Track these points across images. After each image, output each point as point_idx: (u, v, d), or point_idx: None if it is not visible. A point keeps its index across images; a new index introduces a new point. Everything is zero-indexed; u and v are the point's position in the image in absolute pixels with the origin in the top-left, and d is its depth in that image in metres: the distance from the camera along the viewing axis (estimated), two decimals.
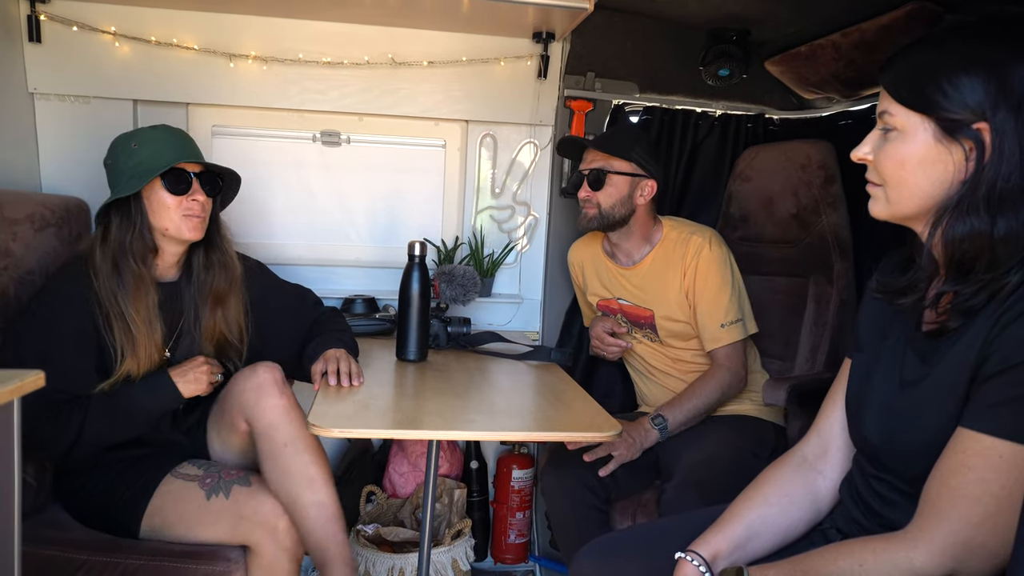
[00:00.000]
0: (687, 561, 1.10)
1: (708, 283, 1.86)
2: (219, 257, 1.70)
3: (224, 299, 1.70)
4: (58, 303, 1.52)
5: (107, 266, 1.55)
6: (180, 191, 1.59)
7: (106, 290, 1.53)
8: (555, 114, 2.33)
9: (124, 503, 1.51)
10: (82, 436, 1.48)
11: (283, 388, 1.54)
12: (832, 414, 1.18)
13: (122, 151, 1.60)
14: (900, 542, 0.88)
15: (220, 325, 1.69)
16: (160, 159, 1.58)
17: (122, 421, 1.52)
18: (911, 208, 0.97)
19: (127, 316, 1.54)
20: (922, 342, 1.01)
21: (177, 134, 1.65)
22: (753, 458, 1.74)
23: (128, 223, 1.57)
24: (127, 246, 1.56)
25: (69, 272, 1.55)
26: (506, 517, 2.43)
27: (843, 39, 1.93)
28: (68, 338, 1.51)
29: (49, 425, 1.46)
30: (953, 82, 0.91)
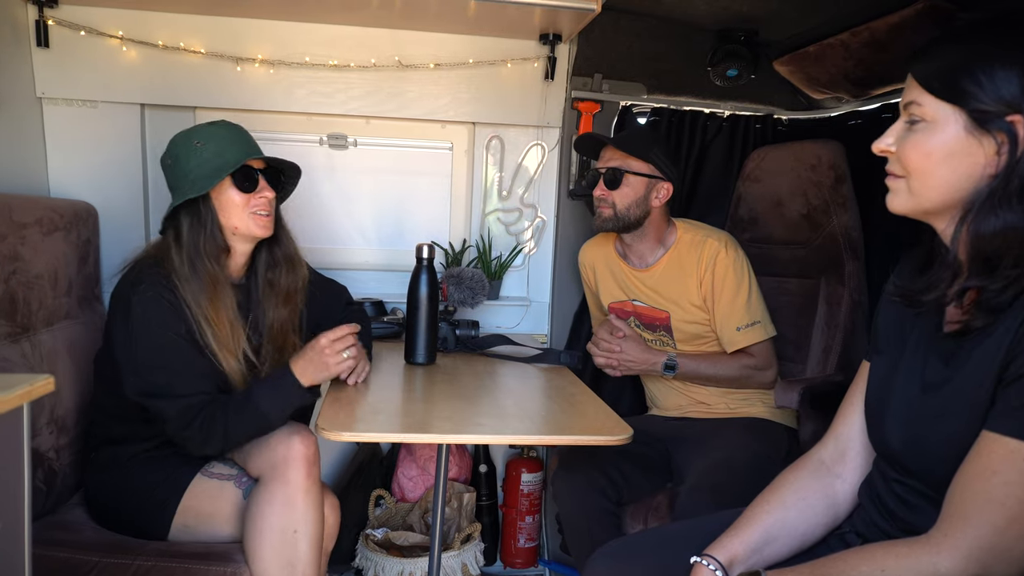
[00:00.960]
0: (703, 566, 1.09)
1: (725, 287, 1.85)
2: (284, 254, 1.69)
3: (291, 297, 1.69)
4: (155, 315, 1.47)
5: (186, 270, 1.52)
6: (248, 188, 1.58)
7: (191, 293, 1.51)
8: (562, 116, 2.32)
9: (154, 503, 1.52)
10: (228, 438, 1.48)
11: (312, 468, 1.48)
12: (850, 417, 1.17)
13: (184, 149, 1.56)
14: (924, 547, 0.87)
15: (285, 324, 1.67)
16: (226, 156, 1.55)
17: (256, 419, 1.49)
18: (934, 201, 0.95)
19: (209, 319, 1.51)
20: (944, 343, 0.99)
21: (238, 130, 1.62)
22: (767, 461, 1.72)
23: (199, 224, 1.54)
24: (201, 248, 1.54)
25: (151, 281, 1.49)
26: (515, 521, 2.41)
27: (852, 38, 1.92)
28: (180, 343, 1.48)
29: (199, 431, 1.46)
30: (988, 73, 0.90)
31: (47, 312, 1.78)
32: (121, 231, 2.16)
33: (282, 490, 1.45)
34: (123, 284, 1.52)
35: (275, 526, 1.44)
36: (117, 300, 1.52)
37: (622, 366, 1.92)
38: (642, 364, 1.91)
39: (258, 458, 1.51)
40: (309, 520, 1.46)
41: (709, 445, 1.75)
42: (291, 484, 1.45)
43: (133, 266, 1.55)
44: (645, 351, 1.92)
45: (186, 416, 1.46)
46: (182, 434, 1.48)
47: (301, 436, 1.49)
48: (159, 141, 2.14)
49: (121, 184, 2.16)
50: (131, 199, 2.18)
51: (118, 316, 1.50)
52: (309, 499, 1.47)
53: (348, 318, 1.75)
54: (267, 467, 1.49)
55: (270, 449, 1.50)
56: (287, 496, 1.45)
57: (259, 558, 1.44)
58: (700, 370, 1.91)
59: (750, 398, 1.94)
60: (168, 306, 1.48)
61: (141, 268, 1.52)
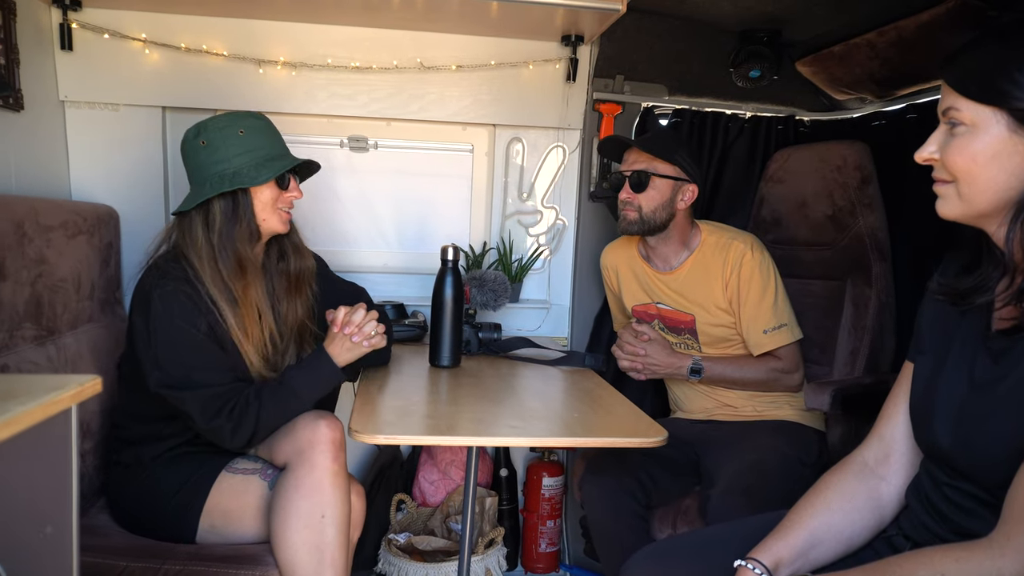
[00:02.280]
0: (748, 570, 1.07)
1: (751, 290, 1.84)
2: (292, 243, 1.70)
3: (300, 286, 1.69)
4: (176, 308, 1.47)
5: (214, 255, 1.52)
6: (283, 186, 1.59)
7: (215, 283, 1.50)
8: (583, 117, 2.31)
9: (179, 506, 1.50)
10: (260, 424, 1.48)
11: (338, 452, 1.47)
12: (894, 418, 1.15)
13: (224, 135, 1.53)
14: (985, 550, 0.85)
15: (300, 312, 1.68)
16: (269, 150, 1.56)
17: (292, 404, 1.50)
18: (986, 203, 0.94)
19: (237, 304, 1.52)
20: (995, 341, 0.98)
21: (271, 124, 1.63)
22: (798, 465, 1.70)
23: (235, 214, 1.53)
24: (235, 236, 1.53)
25: (171, 276, 1.49)
26: (536, 525, 2.39)
27: (879, 38, 1.90)
28: (203, 336, 1.48)
29: (227, 418, 1.45)
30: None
31: (71, 315, 1.78)
32: (142, 234, 2.13)
33: (309, 474, 1.44)
34: (143, 280, 1.52)
35: (302, 511, 1.43)
36: (138, 296, 1.52)
37: (647, 369, 1.90)
38: (667, 368, 1.90)
39: (284, 445, 1.50)
40: (336, 503, 1.44)
41: (739, 448, 1.73)
42: (318, 468, 1.44)
43: (153, 261, 1.56)
44: (670, 355, 1.90)
45: (213, 405, 1.45)
46: (211, 424, 1.46)
47: (327, 420, 1.49)
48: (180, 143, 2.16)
49: (142, 187, 2.16)
50: (152, 202, 2.17)
51: (138, 312, 1.50)
52: (337, 483, 1.45)
53: None
54: (293, 453, 1.47)
55: (296, 435, 1.49)
56: (314, 480, 1.44)
57: (287, 544, 1.42)
58: (726, 373, 1.89)
59: (777, 401, 1.92)
60: (188, 300, 1.48)
61: (162, 262, 1.52)
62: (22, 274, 1.57)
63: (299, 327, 1.69)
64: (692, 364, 1.88)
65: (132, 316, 1.53)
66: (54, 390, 0.71)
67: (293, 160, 1.59)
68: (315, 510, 1.42)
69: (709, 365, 1.88)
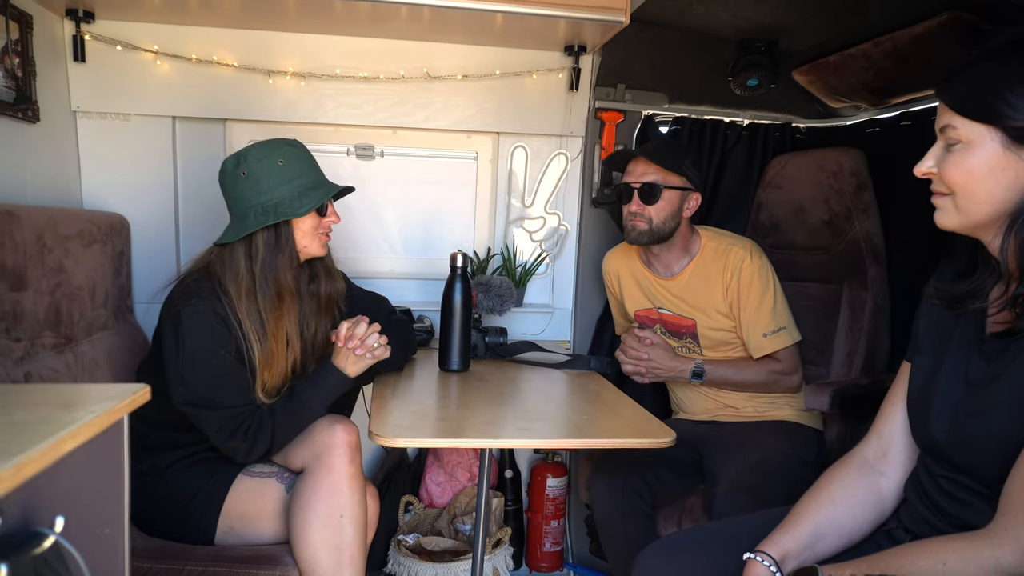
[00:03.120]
0: (757, 562, 1.12)
1: (751, 294, 1.89)
2: (323, 266, 1.73)
3: (330, 307, 1.73)
4: (206, 327, 1.50)
5: (254, 286, 1.54)
6: (322, 213, 1.63)
7: (248, 310, 1.54)
8: (586, 125, 2.36)
9: (197, 509, 1.54)
10: (275, 440, 1.53)
11: (355, 455, 1.52)
12: (892, 416, 1.20)
13: (264, 165, 1.55)
14: (984, 541, 0.90)
15: (327, 332, 1.71)
16: (309, 178, 1.59)
17: (305, 416, 1.56)
18: (982, 215, 0.99)
19: (266, 334, 1.55)
20: (989, 343, 1.03)
21: (306, 150, 1.65)
22: (798, 463, 1.76)
23: (278, 245, 1.56)
24: (279, 267, 1.56)
25: (203, 295, 1.52)
26: (541, 525, 2.44)
27: (874, 48, 1.96)
28: (229, 357, 1.52)
29: (242, 439, 1.50)
30: (1016, 92, 0.94)
31: (87, 323, 1.81)
32: (152, 242, 2.20)
33: (327, 477, 1.49)
34: (176, 295, 1.55)
35: (321, 512, 1.47)
36: (168, 311, 1.55)
37: (650, 373, 1.95)
38: (670, 371, 1.95)
39: (301, 450, 1.55)
40: (354, 504, 1.49)
41: (741, 448, 1.79)
42: (335, 471, 1.49)
43: (184, 278, 1.58)
44: (673, 359, 1.95)
45: (231, 425, 1.50)
46: (227, 444, 1.52)
47: (343, 424, 1.54)
48: (190, 153, 2.21)
49: (152, 196, 2.19)
50: (162, 210, 2.21)
51: (168, 327, 1.53)
52: (354, 484, 1.50)
53: (391, 325, 1.78)
54: (311, 457, 1.52)
55: (313, 440, 1.54)
56: (332, 482, 1.48)
57: (307, 544, 1.47)
58: (727, 376, 1.94)
59: (777, 402, 1.97)
60: (219, 320, 1.51)
61: (194, 281, 1.55)
62: (42, 283, 1.61)
63: (324, 346, 1.73)
64: (694, 367, 1.93)
65: (161, 329, 1.56)
66: (110, 399, 0.75)
67: (332, 188, 1.62)
68: (334, 511, 1.47)
69: (711, 368, 1.93)
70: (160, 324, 1.59)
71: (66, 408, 0.69)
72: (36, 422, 0.64)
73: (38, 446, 0.57)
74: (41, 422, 0.64)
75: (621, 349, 1.98)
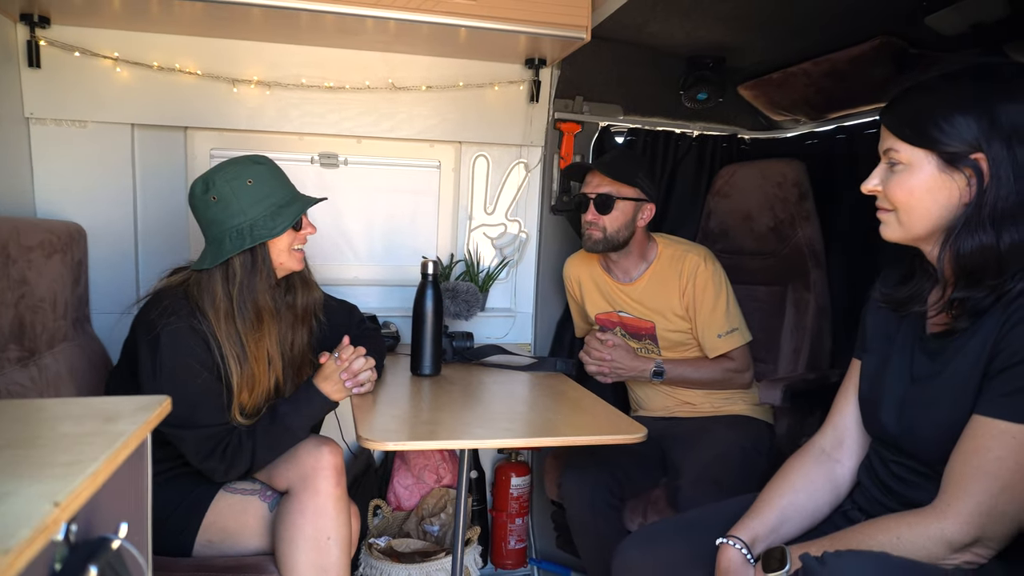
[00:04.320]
0: (729, 545, 1.22)
1: (706, 297, 2.00)
2: (300, 277, 1.73)
3: (307, 318, 1.74)
4: (184, 346, 1.49)
5: (233, 308, 1.53)
6: (297, 227, 1.62)
7: (226, 330, 1.53)
8: (545, 135, 2.45)
9: (177, 519, 1.53)
10: (255, 461, 1.54)
11: (340, 477, 1.54)
12: (845, 409, 1.32)
13: (232, 187, 1.54)
14: (931, 515, 1.02)
15: (304, 345, 1.72)
16: (279, 195, 1.58)
17: (287, 439, 1.56)
18: (921, 229, 1.12)
19: (245, 355, 1.55)
20: (930, 342, 1.16)
21: (275, 165, 1.63)
22: (754, 454, 1.88)
23: (255, 266, 1.56)
24: (256, 288, 1.56)
25: (181, 313, 1.51)
26: (506, 524, 2.51)
27: (814, 67, 2.12)
28: (207, 376, 1.51)
29: (219, 459, 1.50)
30: (950, 120, 1.06)
31: (49, 335, 1.78)
32: (110, 251, 2.16)
33: (313, 499, 1.51)
34: (150, 313, 1.52)
35: (308, 535, 1.50)
36: (144, 328, 1.52)
37: (613, 373, 2.04)
38: (631, 371, 2.05)
39: (286, 472, 1.56)
40: (340, 526, 1.52)
41: (701, 442, 1.90)
42: (321, 493, 1.52)
43: (158, 296, 1.55)
44: (634, 359, 2.05)
45: (208, 445, 1.51)
46: (205, 464, 1.52)
47: (329, 447, 1.56)
48: (149, 161, 2.18)
49: (110, 204, 2.15)
50: (120, 219, 2.17)
51: (145, 346, 1.50)
52: (340, 506, 1.53)
53: (362, 335, 1.81)
54: (297, 478, 1.54)
55: (298, 462, 1.55)
56: (318, 505, 1.51)
57: (293, 565, 1.49)
58: (685, 375, 2.05)
59: (732, 397, 2.10)
60: (198, 338, 1.51)
61: (169, 298, 1.53)
62: (7, 295, 1.58)
63: (301, 358, 1.74)
64: (655, 367, 2.03)
65: (136, 347, 1.53)
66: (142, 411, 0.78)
67: (305, 203, 1.62)
68: (321, 533, 1.50)
69: (670, 368, 2.04)
70: (134, 341, 1.57)
71: (109, 421, 0.72)
72: (88, 434, 0.66)
73: (103, 455, 0.60)
74: (92, 434, 0.67)
75: (585, 351, 2.07)
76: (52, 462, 0.58)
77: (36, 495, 0.50)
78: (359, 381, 1.61)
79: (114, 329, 1.89)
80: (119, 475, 0.67)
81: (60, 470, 0.56)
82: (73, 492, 0.51)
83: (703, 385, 2.07)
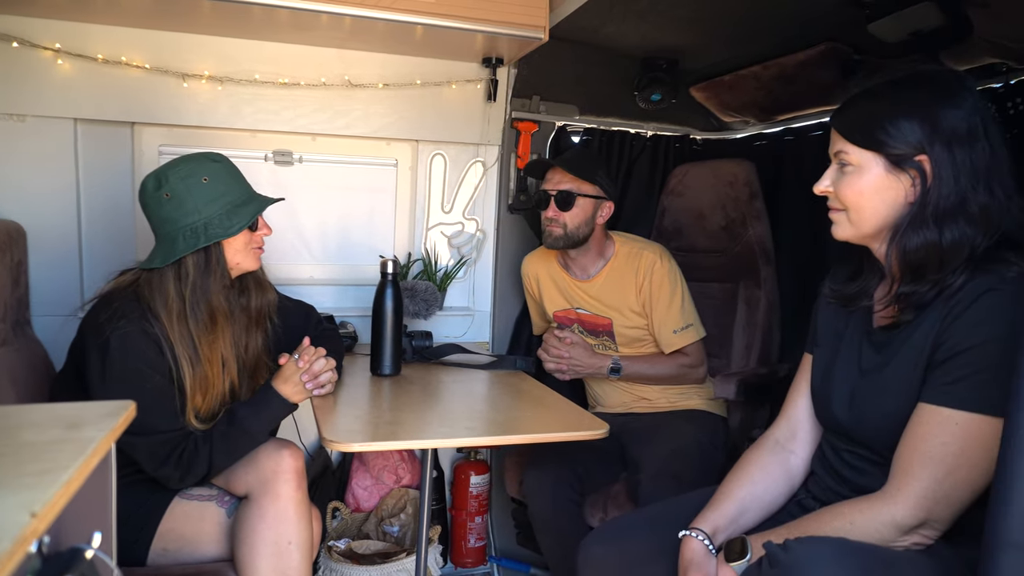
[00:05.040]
0: (692, 537, 1.25)
1: (661, 294, 2.05)
2: (254, 279, 1.69)
3: (260, 320, 1.69)
4: (136, 351, 1.44)
5: (185, 309, 1.49)
6: (253, 227, 1.58)
7: (179, 332, 1.49)
8: (502, 134, 2.46)
9: (131, 529, 1.48)
10: (212, 467, 1.49)
11: (301, 481, 1.52)
12: (798, 402, 1.37)
13: (187, 185, 1.49)
14: (881, 500, 1.07)
15: (258, 347, 1.69)
16: (235, 193, 1.54)
17: (245, 443, 1.52)
18: (870, 228, 1.17)
19: (198, 357, 1.51)
20: (877, 335, 1.21)
21: (231, 163, 1.59)
22: (710, 447, 1.94)
23: (208, 266, 1.51)
24: (210, 288, 1.52)
25: (132, 317, 1.45)
26: (465, 522, 2.51)
27: (764, 71, 2.19)
28: (160, 380, 1.46)
29: (175, 466, 1.46)
30: (895, 125, 1.12)
31: None
32: (51, 252, 2.07)
33: (274, 504, 1.48)
34: (99, 316, 1.46)
35: (269, 539, 1.47)
36: (92, 332, 1.46)
37: (571, 370, 2.07)
38: (589, 368, 2.08)
39: (245, 476, 1.53)
40: (301, 530, 1.50)
41: (660, 436, 1.94)
42: (282, 497, 1.49)
43: (107, 298, 1.50)
44: (592, 356, 2.08)
45: (163, 451, 1.47)
46: (160, 471, 1.48)
47: (290, 451, 1.53)
48: (93, 157, 2.10)
49: (51, 203, 2.06)
50: (62, 217, 2.08)
51: (94, 351, 1.45)
52: (301, 511, 1.51)
53: (321, 336, 1.78)
54: (256, 483, 1.51)
55: (258, 466, 1.52)
56: (279, 510, 1.48)
57: (255, 571, 1.46)
58: (642, 371, 2.09)
59: (687, 392, 2.15)
60: (150, 341, 1.46)
61: (120, 300, 1.47)
62: None
63: (255, 361, 1.70)
64: (612, 364, 2.07)
65: (85, 352, 1.48)
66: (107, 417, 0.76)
67: (263, 203, 1.59)
68: (282, 538, 1.47)
69: (627, 364, 2.08)
70: (82, 345, 1.51)
71: (72, 428, 0.69)
72: (53, 442, 0.64)
73: (75, 463, 0.58)
74: (58, 442, 0.64)
75: (543, 348, 2.09)
76: (21, 472, 0.56)
77: (11, 506, 0.48)
78: (320, 383, 1.59)
79: (58, 333, 1.81)
80: (87, 484, 0.65)
81: (31, 479, 0.55)
82: (49, 502, 0.50)
83: (659, 381, 2.11)
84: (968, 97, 1.12)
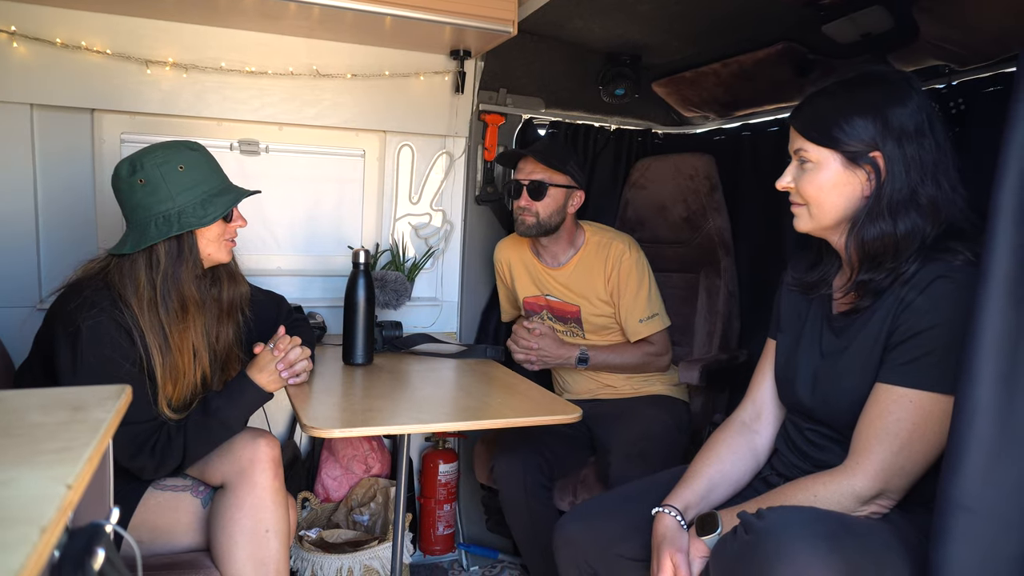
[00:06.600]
0: (665, 514, 1.31)
1: (629, 284, 2.11)
2: (226, 270, 1.67)
3: (234, 312, 1.68)
4: (106, 340, 1.41)
5: (156, 297, 1.47)
6: (228, 218, 1.57)
7: (150, 321, 1.46)
8: (469, 126, 2.48)
9: None
10: (187, 457, 1.48)
11: (278, 469, 1.52)
12: (762, 385, 1.45)
13: (162, 172, 1.47)
14: (842, 474, 1.15)
15: (230, 339, 1.67)
16: (211, 183, 1.52)
17: (220, 433, 1.52)
18: (830, 221, 1.24)
19: (169, 347, 1.49)
20: (836, 321, 1.29)
21: (208, 153, 1.57)
22: (674, 430, 2.01)
23: (180, 254, 1.49)
24: (181, 277, 1.50)
25: (102, 306, 1.43)
26: (434, 510, 2.53)
27: (723, 68, 2.26)
28: (131, 369, 1.44)
29: (148, 456, 1.44)
30: (850, 123, 1.20)
31: None
32: (7, 240, 2.01)
33: (251, 492, 1.49)
34: (68, 304, 1.43)
35: (246, 528, 1.48)
36: (62, 321, 1.43)
37: (540, 361, 2.11)
38: (557, 358, 2.12)
39: (221, 466, 1.53)
40: (279, 519, 1.51)
41: (627, 420, 2.00)
42: (259, 486, 1.50)
43: (76, 286, 1.47)
44: (560, 347, 2.13)
45: (136, 442, 1.46)
46: (134, 462, 1.47)
47: (266, 439, 1.54)
48: (52, 145, 2.05)
49: (7, 190, 2.00)
50: (19, 206, 2.02)
51: (63, 342, 1.41)
52: (278, 499, 1.52)
53: (294, 326, 1.78)
54: (232, 473, 1.51)
55: (234, 454, 1.52)
56: (256, 498, 1.49)
57: (232, 560, 1.46)
58: (608, 360, 2.15)
59: (650, 379, 2.22)
60: (121, 331, 1.44)
61: (92, 291, 1.44)
62: None
63: (227, 353, 1.69)
64: (579, 354, 2.12)
65: (53, 342, 1.44)
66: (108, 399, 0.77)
67: (239, 194, 1.57)
68: (259, 526, 1.48)
69: (594, 354, 2.13)
70: (49, 335, 1.47)
71: (78, 410, 0.70)
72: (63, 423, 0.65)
73: (93, 441, 0.60)
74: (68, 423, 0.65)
75: (512, 339, 2.13)
76: (39, 450, 0.57)
77: (44, 479, 0.49)
78: (295, 371, 1.60)
79: (19, 324, 1.77)
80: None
81: (52, 456, 0.56)
82: (79, 473, 0.51)
83: (625, 369, 2.18)
84: (915, 96, 1.20)
